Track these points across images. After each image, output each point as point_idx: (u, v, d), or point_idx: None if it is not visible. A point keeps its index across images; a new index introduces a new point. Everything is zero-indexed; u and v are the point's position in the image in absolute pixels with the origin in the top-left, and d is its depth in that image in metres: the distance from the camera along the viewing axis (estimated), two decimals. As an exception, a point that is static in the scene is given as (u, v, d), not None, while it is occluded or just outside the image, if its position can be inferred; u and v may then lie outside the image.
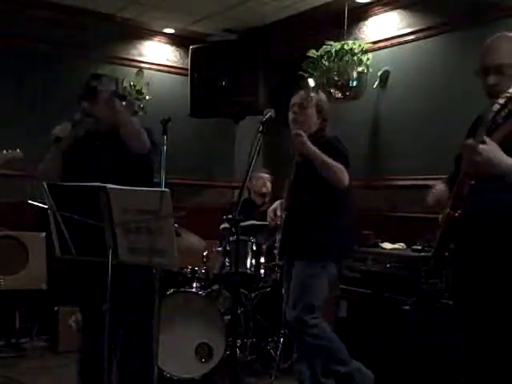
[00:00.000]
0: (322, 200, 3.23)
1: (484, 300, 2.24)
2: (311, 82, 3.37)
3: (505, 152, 2.07)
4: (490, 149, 2.04)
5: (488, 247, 2.23)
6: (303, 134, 3.17)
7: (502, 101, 2.10)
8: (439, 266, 2.43)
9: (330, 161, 3.11)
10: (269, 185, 4.92)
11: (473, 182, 2.19)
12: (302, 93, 3.43)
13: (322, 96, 3.52)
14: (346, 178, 3.13)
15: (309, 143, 3.15)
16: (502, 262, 2.19)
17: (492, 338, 2.23)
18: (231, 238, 3.55)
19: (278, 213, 3.45)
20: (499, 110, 2.11)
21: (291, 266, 3.36)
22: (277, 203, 3.55)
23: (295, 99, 3.40)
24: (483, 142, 2.05)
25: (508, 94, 2.09)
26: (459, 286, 2.39)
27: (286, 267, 3.45)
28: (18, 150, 3.80)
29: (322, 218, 3.25)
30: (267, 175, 4.93)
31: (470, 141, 2.09)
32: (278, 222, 3.49)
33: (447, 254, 2.35)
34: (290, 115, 3.39)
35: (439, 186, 2.49)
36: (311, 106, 3.36)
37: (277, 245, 3.41)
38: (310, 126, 3.35)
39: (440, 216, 2.36)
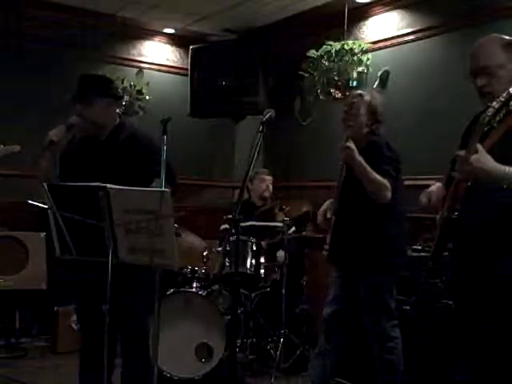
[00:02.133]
0: (370, 205, 3.11)
1: (482, 300, 2.25)
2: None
3: (499, 155, 2.08)
4: (481, 159, 2.07)
5: (484, 248, 2.24)
6: (353, 146, 3.03)
7: (496, 105, 2.11)
8: (438, 266, 2.43)
9: (373, 176, 3.02)
10: (271, 187, 4.88)
11: (469, 184, 2.22)
12: (354, 92, 3.35)
13: (377, 96, 3.32)
14: (387, 193, 3.04)
15: (357, 157, 3.03)
16: (498, 263, 2.20)
17: (491, 338, 2.24)
18: (231, 238, 3.55)
19: (328, 215, 3.31)
20: (494, 115, 2.12)
21: (345, 275, 3.29)
22: (327, 204, 3.37)
23: (347, 98, 3.32)
24: (476, 152, 2.07)
25: (502, 99, 2.10)
26: (458, 285, 2.40)
27: (337, 274, 3.35)
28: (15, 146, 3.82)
29: (372, 226, 3.15)
30: (269, 177, 4.89)
31: (462, 152, 2.12)
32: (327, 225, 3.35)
33: (446, 253, 2.36)
34: (343, 115, 3.26)
35: (436, 185, 2.49)
36: (362, 105, 3.20)
37: (326, 247, 3.32)
38: (361, 127, 3.21)
39: (438, 216, 2.37)
